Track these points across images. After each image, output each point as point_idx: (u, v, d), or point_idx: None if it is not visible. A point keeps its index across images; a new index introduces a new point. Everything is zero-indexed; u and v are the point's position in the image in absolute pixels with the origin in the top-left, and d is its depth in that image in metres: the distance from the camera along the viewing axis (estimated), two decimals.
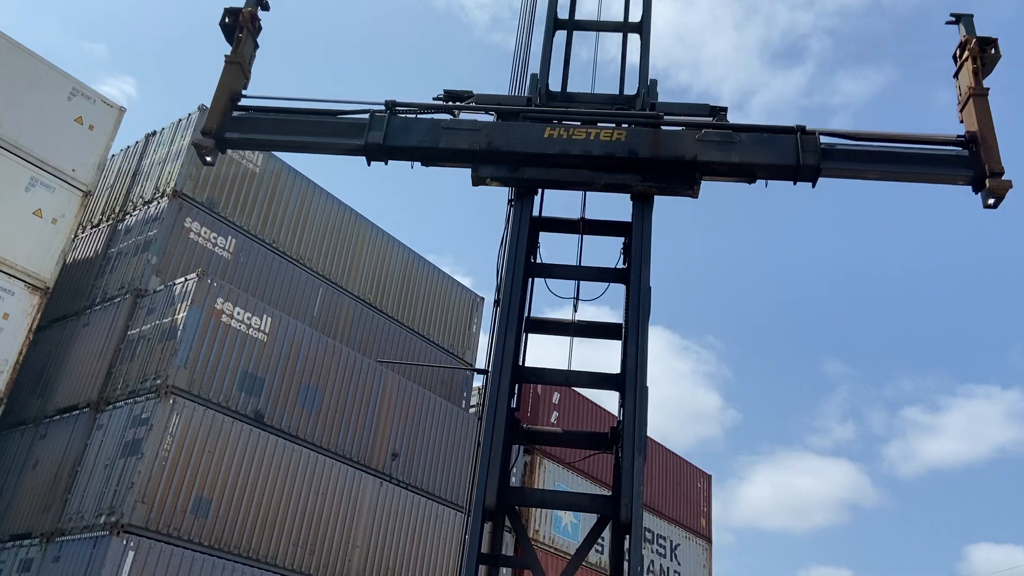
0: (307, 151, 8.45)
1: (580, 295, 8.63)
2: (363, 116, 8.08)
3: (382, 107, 8.08)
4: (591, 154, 7.75)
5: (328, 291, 19.40)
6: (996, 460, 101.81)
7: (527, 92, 8.79)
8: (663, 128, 7.91)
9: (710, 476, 28.92)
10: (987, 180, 7.25)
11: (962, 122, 7.67)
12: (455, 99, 8.39)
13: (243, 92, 8.38)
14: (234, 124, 8.23)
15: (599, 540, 7.61)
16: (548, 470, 21.66)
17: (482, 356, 23.43)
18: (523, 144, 7.86)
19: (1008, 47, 7.56)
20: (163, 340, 14.50)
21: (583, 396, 23.18)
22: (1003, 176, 7.24)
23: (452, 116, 8.16)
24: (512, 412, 7.53)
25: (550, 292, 8.44)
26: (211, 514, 13.80)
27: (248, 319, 15.31)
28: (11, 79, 15.79)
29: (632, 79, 8.93)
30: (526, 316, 8.17)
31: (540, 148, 7.82)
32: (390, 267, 21.28)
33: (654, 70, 8.92)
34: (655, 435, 29.57)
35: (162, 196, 16.90)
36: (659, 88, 8.60)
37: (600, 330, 8.52)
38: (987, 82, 7.58)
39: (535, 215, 8.32)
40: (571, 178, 7.94)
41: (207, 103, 10.57)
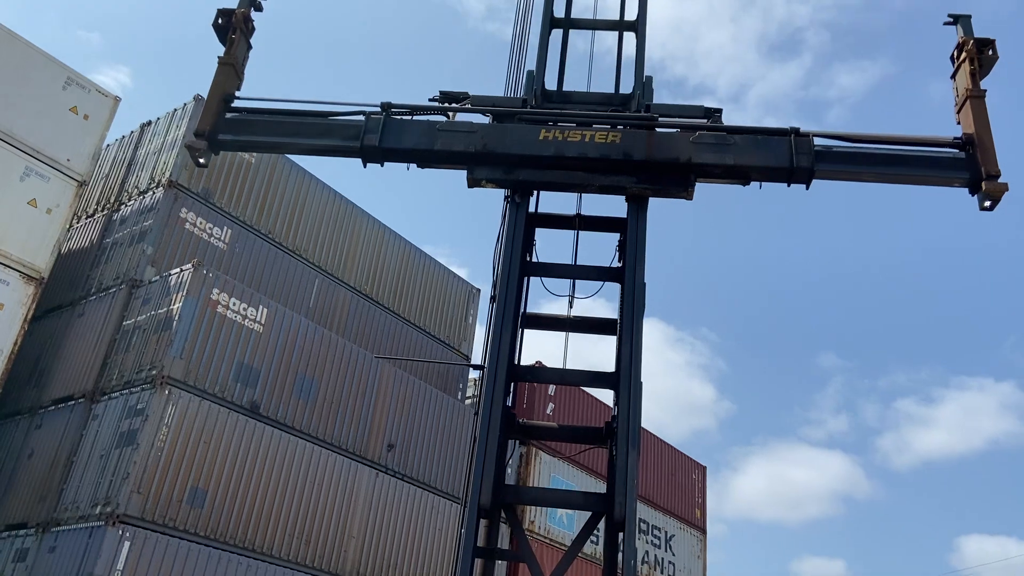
0: (302, 153, 8.41)
1: (575, 291, 8.66)
2: (358, 118, 8.06)
3: (377, 109, 8.07)
4: (586, 156, 7.76)
5: (324, 282, 19.39)
6: (989, 452, 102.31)
7: (523, 89, 8.78)
8: (658, 130, 7.92)
9: (705, 468, 29.03)
10: (983, 183, 7.23)
11: (959, 123, 7.66)
12: (451, 100, 8.37)
13: (236, 93, 8.33)
14: (227, 126, 8.19)
15: (594, 530, 7.64)
16: (544, 462, 21.72)
17: (478, 348, 23.49)
18: (518, 146, 7.86)
19: (1005, 45, 7.54)
20: (159, 330, 14.49)
21: (579, 387, 23.23)
22: (999, 178, 7.21)
23: (447, 118, 8.14)
24: (508, 409, 7.55)
25: (546, 290, 8.46)
26: (207, 505, 13.82)
27: (244, 310, 15.30)
28: (5, 68, 15.70)
29: (628, 77, 8.95)
30: (522, 312, 8.19)
31: (535, 150, 7.81)
32: (386, 258, 21.27)
33: (650, 62, 8.92)
34: (650, 426, 29.68)
35: (157, 186, 16.85)
36: (655, 80, 8.63)
37: (595, 326, 8.55)
38: (984, 83, 7.56)
39: (531, 211, 8.33)
40: (566, 180, 7.95)
41: (203, 93, 10.49)
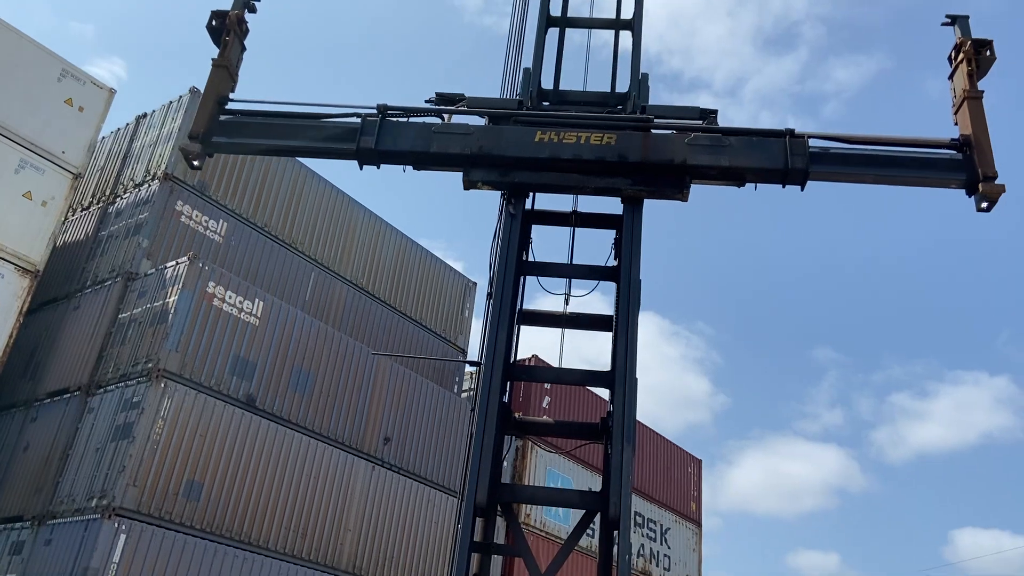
0: (298, 155, 8.36)
1: (571, 289, 8.69)
2: (354, 120, 8.03)
3: (373, 111, 8.05)
4: (581, 158, 7.76)
5: (320, 275, 19.37)
6: (983, 446, 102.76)
7: (519, 87, 8.77)
8: (653, 132, 7.92)
9: (700, 461, 29.11)
10: (980, 184, 7.22)
11: (956, 124, 7.65)
12: (447, 102, 8.36)
13: (231, 95, 8.29)
14: (221, 128, 8.14)
15: (590, 525, 7.69)
16: (540, 455, 21.76)
17: (474, 341, 23.50)
18: (514, 148, 7.86)
19: (1002, 44, 7.53)
20: (154, 324, 14.47)
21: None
22: (996, 180, 7.20)
23: (442, 120, 8.13)
24: (504, 405, 7.57)
25: (542, 288, 8.48)
26: (203, 498, 13.83)
27: (240, 303, 15.28)
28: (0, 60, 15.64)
29: (625, 75, 8.97)
30: (518, 309, 8.22)
31: (531, 152, 7.81)
32: (382, 252, 21.25)
33: (646, 56, 8.92)
34: (645, 420, 29.74)
35: (153, 179, 16.80)
36: (652, 74, 8.63)
37: (591, 322, 8.58)
38: (982, 84, 7.55)
39: (527, 208, 8.34)
40: (561, 182, 7.95)
41: (198, 85, 10.41)
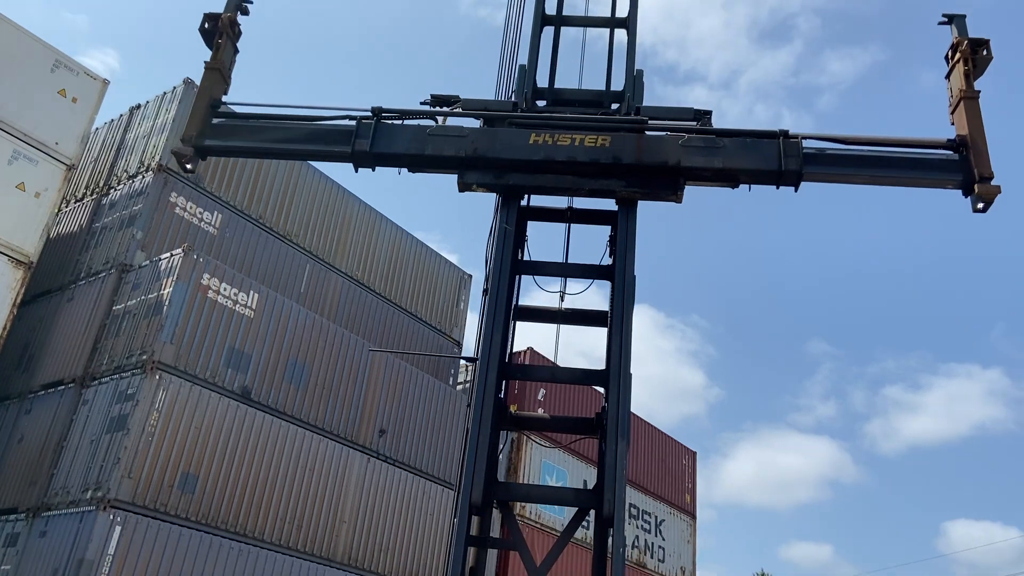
0: (293, 158, 8.34)
1: (566, 287, 8.73)
2: (349, 123, 8.02)
3: (368, 113, 8.04)
4: (576, 160, 7.76)
5: (315, 268, 19.33)
6: (975, 438, 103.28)
7: (515, 85, 8.77)
8: (647, 134, 7.93)
9: (695, 453, 29.16)
10: (976, 185, 7.20)
11: (953, 124, 7.63)
12: (442, 103, 8.34)
13: (224, 98, 8.26)
14: (215, 131, 8.12)
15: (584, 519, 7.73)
16: (535, 448, 21.79)
17: (469, 334, 23.52)
18: (509, 150, 7.86)
19: (998, 43, 7.51)
20: (149, 315, 14.42)
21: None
22: (992, 180, 7.18)
23: (436, 122, 8.11)
24: (500, 400, 7.59)
25: (538, 286, 8.52)
26: (198, 490, 13.82)
27: (235, 295, 15.24)
28: None
29: (620, 72, 8.96)
30: (514, 305, 8.25)
31: (525, 154, 7.81)
32: (378, 244, 21.21)
33: (641, 48, 8.94)
34: (640, 412, 29.72)
35: (147, 170, 16.73)
36: (647, 67, 8.61)
37: (587, 318, 8.62)
38: (979, 83, 7.54)
39: (523, 205, 8.36)
40: (556, 184, 7.96)
41: (192, 76, 10.33)
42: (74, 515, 12.86)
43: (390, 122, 8.05)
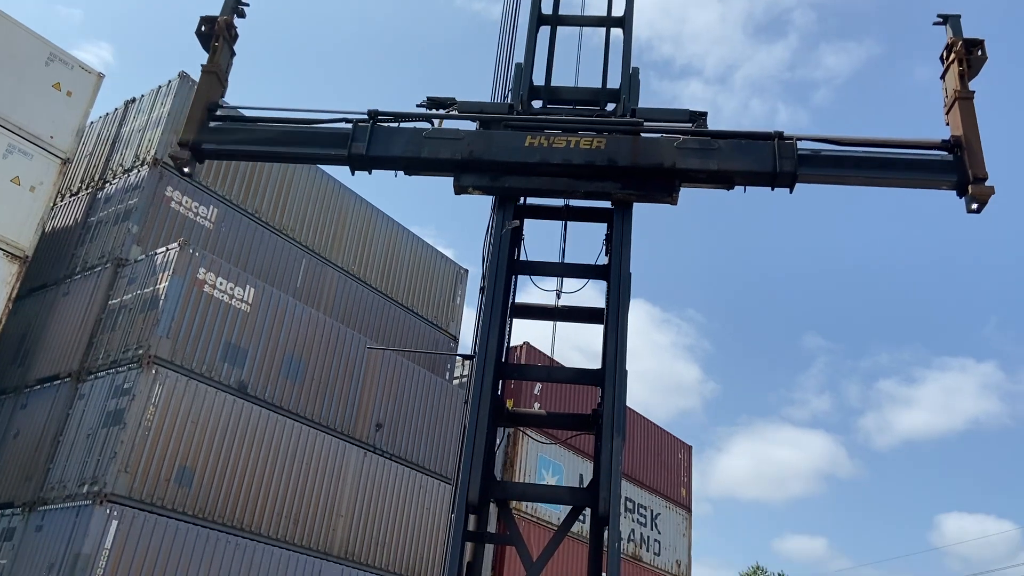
0: (289, 161, 8.33)
1: (563, 285, 8.76)
2: (345, 126, 8.03)
3: (364, 116, 8.05)
4: (571, 162, 7.75)
5: (311, 262, 19.31)
6: (969, 431, 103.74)
7: (511, 83, 8.77)
8: (642, 135, 7.93)
9: (691, 447, 29.25)
10: (970, 186, 7.19)
11: (948, 124, 7.62)
12: (438, 106, 8.33)
13: (221, 101, 8.26)
14: (211, 135, 8.11)
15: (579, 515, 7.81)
16: (531, 443, 21.83)
17: (465, 328, 23.54)
18: (504, 153, 7.85)
19: (993, 42, 7.49)
20: (145, 310, 14.41)
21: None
22: (986, 181, 7.17)
23: (433, 125, 8.11)
24: (497, 398, 7.62)
25: (535, 285, 8.55)
26: (195, 484, 13.83)
27: (231, 289, 15.23)
28: None
29: (616, 71, 8.99)
30: (511, 303, 8.29)
31: (521, 157, 7.80)
32: (373, 238, 21.20)
33: (637, 43, 8.92)
34: (636, 406, 29.86)
35: (142, 164, 16.69)
36: (642, 61, 8.66)
37: (583, 315, 8.66)
38: (974, 83, 7.53)
39: (520, 203, 8.38)
40: (552, 186, 7.96)
41: (187, 70, 10.28)
42: (70, 509, 12.86)
43: (386, 125, 8.06)
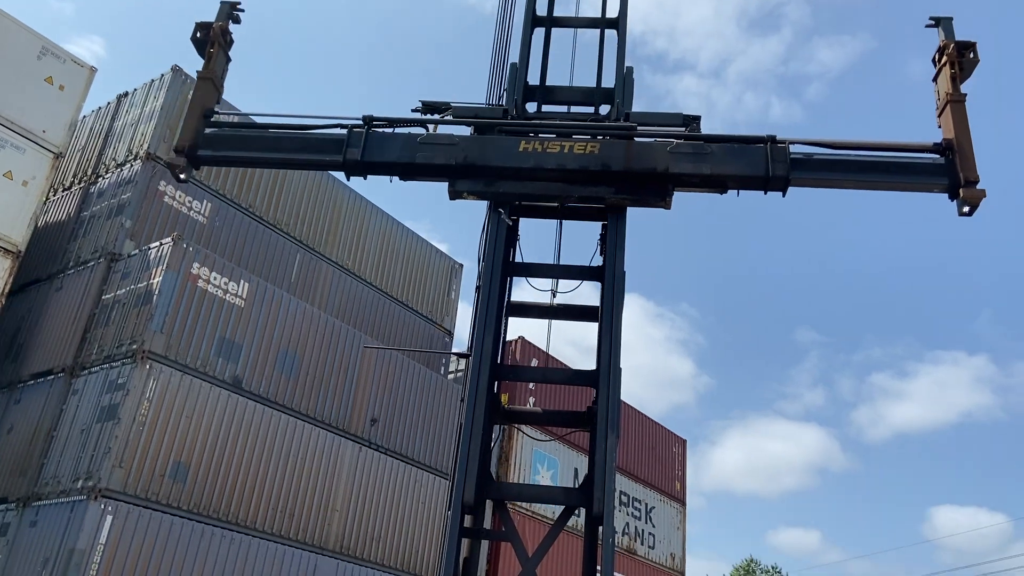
0: (285, 167, 8.34)
1: (558, 284, 8.81)
2: (340, 132, 8.05)
3: (359, 121, 8.08)
4: (565, 167, 7.79)
5: (306, 257, 19.27)
6: (961, 424, 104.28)
7: (506, 83, 8.81)
8: (636, 140, 7.96)
9: (685, 441, 29.32)
10: (961, 189, 7.21)
11: (940, 127, 7.64)
12: (432, 111, 8.36)
13: (216, 108, 8.25)
14: (207, 141, 8.11)
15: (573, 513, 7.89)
16: (525, 438, 21.84)
17: (459, 323, 23.53)
18: (499, 158, 7.88)
19: (985, 44, 7.49)
20: (138, 305, 14.36)
21: (561, 362, 23.33)
22: (977, 184, 7.18)
23: (427, 131, 8.15)
24: (493, 396, 7.64)
25: (530, 285, 8.60)
26: (189, 479, 13.81)
27: (225, 284, 15.19)
28: None
29: (611, 71, 9.05)
30: (506, 301, 8.34)
31: (515, 162, 7.84)
32: (368, 233, 21.16)
33: (631, 37, 8.95)
34: (631, 400, 29.92)
35: (135, 159, 16.61)
36: (636, 56, 8.71)
37: (578, 313, 8.71)
38: (966, 86, 7.55)
39: (515, 204, 8.40)
40: (545, 191, 8.02)
41: (180, 64, 10.21)
42: (65, 505, 12.83)
43: (381, 131, 8.09)
